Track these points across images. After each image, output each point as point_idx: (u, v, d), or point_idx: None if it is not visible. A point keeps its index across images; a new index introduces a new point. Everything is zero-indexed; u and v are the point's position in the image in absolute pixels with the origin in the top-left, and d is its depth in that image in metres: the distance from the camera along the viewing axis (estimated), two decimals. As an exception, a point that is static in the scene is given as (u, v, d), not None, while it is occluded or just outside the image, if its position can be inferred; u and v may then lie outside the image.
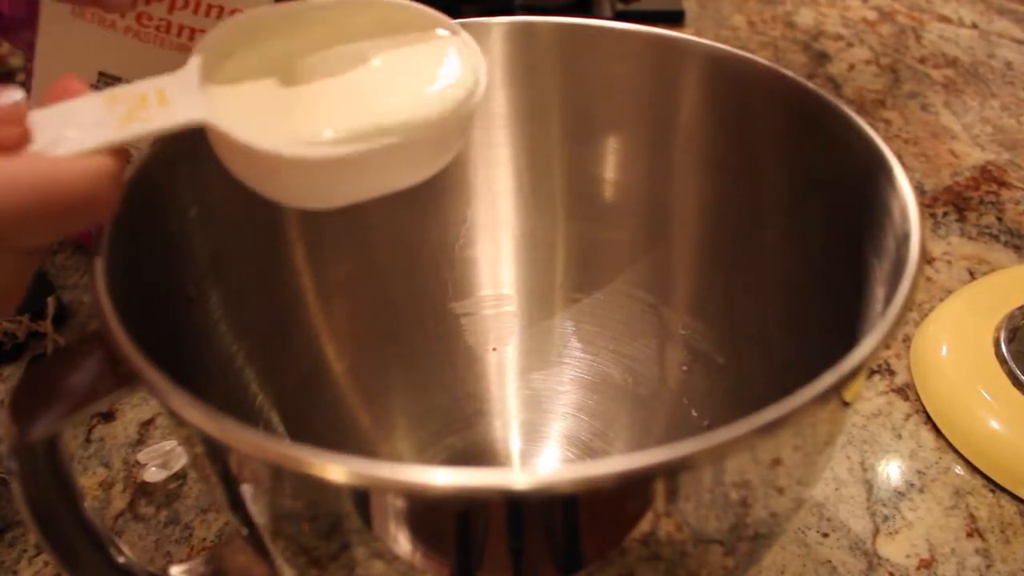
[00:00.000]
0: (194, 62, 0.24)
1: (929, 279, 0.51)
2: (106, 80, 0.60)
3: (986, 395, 0.40)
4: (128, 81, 0.22)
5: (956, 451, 0.41)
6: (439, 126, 0.25)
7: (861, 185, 0.28)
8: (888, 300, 0.23)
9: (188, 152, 0.30)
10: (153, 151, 0.29)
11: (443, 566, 0.22)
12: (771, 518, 0.25)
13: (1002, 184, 0.59)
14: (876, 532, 0.37)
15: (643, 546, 0.22)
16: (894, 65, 0.73)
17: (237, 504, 0.23)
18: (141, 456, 0.41)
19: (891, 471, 0.40)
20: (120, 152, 0.21)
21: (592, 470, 0.18)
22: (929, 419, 0.42)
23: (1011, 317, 0.43)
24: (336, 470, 0.18)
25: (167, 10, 0.26)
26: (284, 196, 0.25)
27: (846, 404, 0.24)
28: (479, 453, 0.41)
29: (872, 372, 0.45)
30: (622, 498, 0.21)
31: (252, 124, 0.24)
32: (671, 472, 0.20)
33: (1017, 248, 0.53)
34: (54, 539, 0.26)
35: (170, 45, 0.31)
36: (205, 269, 0.32)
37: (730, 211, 0.37)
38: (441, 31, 0.28)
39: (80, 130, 0.21)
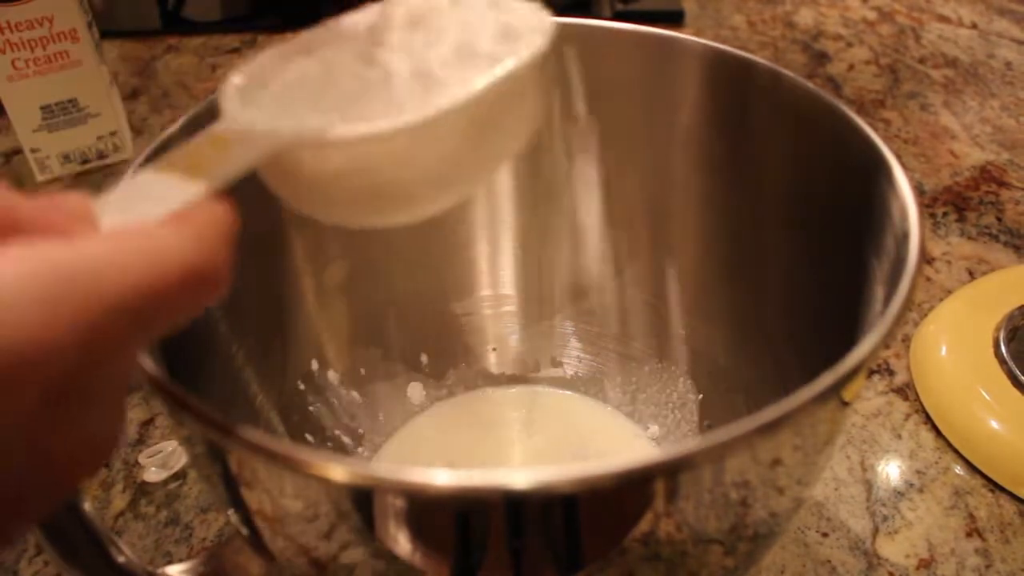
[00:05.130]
0: (228, 102, 0.22)
1: (929, 279, 0.51)
2: (49, 110, 0.60)
3: (986, 395, 0.40)
4: None
5: (956, 451, 0.41)
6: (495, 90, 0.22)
7: (861, 185, 0.28)
8: (888, 300, 0.23)
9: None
10: (153, 151, 0.29)
11: (443, 566, 0.22)
12: (771, 518, 0.25)
13: (1002, 184, 0.59)
14: (876, 532, 0.37)
15: (643, 546, 0.22)
16: (894, 65, 0.73)
17: (237, 504, 0.23)
18: (141, 456, 0.41)
19: (891, 471, 0.40)
20: (213, 207, 0.18)
21: (592, 470, 0.18)
22: (929, 419, 0.42)
23: (1011, 317, 0.43)
24: (336, 470, 0.18)
25: None
26: (350, 208, 0.23)
27: (846, 404, 0.24)
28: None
29: (872, 372, 0.45)
30: (622, 498, 0.21)
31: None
32: (671, 472, 0.20)
33: (1017, 248, 0.53)
34: (54, 539, 0.26)
35: None
36: (205, 269, 0.32)
37: (730, 211, 0.37)
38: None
39: (148, 202, 0.18)
